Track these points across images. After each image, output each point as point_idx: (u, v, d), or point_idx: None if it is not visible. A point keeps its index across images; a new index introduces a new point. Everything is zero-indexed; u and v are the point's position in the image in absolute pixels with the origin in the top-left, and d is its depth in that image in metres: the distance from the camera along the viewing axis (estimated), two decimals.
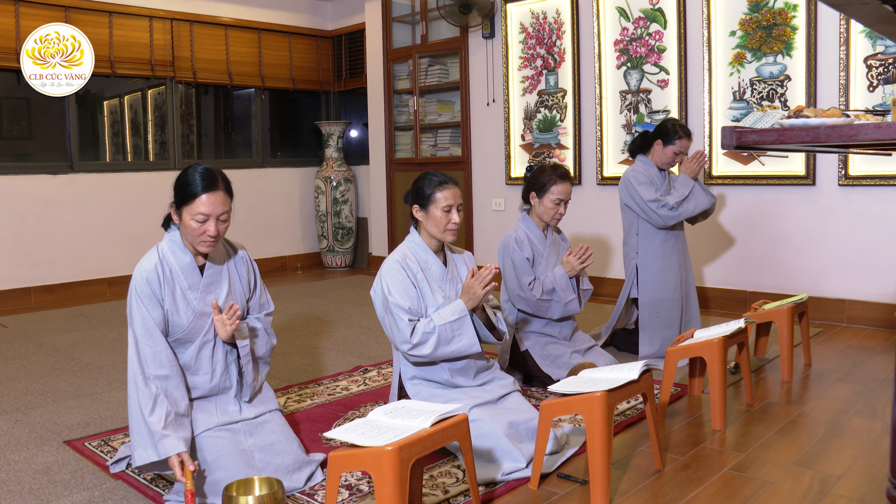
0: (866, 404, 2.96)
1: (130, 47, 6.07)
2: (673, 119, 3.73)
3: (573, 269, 3.22)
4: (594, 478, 2.10)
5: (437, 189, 2.55)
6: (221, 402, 2.36)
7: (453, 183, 2.59)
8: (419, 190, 2.59)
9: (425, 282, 2.55)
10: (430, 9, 6.26)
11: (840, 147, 1.95)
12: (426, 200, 2.56)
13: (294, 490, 2.24)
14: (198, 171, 2.20)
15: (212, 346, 2.33)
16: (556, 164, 3.37)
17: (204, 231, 2.19)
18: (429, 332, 2.43)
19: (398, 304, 2.45)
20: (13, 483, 2.36)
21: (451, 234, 2.57)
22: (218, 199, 2.20)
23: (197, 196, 2.17)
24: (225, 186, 2.24)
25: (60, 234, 5.73)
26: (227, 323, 2.24)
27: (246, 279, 2.45)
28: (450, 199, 2.54)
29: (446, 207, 2.53)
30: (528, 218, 3.36)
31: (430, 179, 2.58)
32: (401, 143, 6.72)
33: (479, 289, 2.45)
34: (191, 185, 2.19)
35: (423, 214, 2.58)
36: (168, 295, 2.24)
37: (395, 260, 2.54)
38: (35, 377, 3.61)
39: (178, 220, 2.24)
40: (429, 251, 2.61)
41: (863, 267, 4.26)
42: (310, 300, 5.55)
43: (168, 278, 2.25)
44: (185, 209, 2.20)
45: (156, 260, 2.25)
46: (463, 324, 2.46)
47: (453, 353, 2.48)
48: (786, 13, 4.42)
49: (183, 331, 2.27)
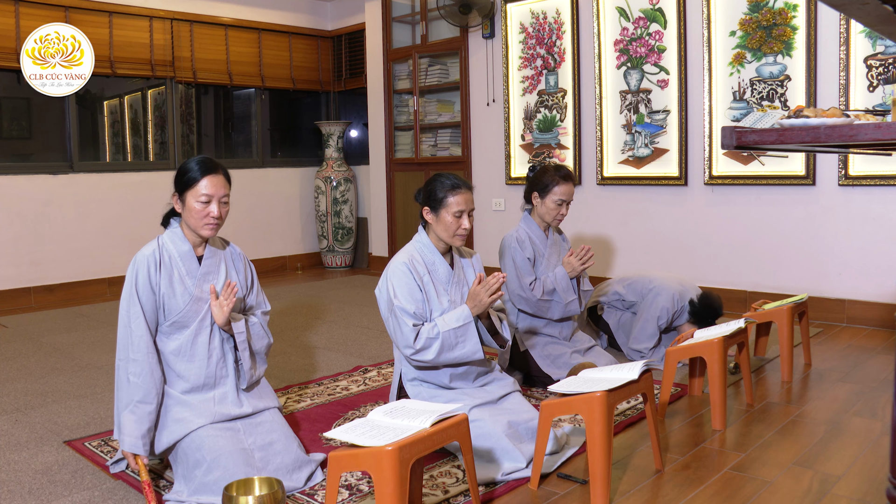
0: (866, 404, 2.96)
1: (130, 47, 6.07)
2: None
3: (574, 269, 3.22)
4: (594, 478, 2.10)
5: (450, 193, 2.50)
6: (220, 394, 2.38)
7: (466, 187, 2.54)
8: (431, 192, 2.55)
9: (431, 284, 2.54)
10: (430, 9, 6.26)
11: (840, 147, 1.95)
12: (438, 204, 2.52)
13: (294, 490, 2.24)
14: (196, 160, 2.35)
15: (208, 332, 2.38)
16: (558, 164, 3.36)
17: (208, 212, 2.31)
18: (432, 338, 2.42)
19: (403, 307, 2.44)
20: (13, 483, 2.36)
21: (461, 239, 2.55)
22: (219, 181, 2.34)
23: (199, 180, 2.31)
24: (223, 171, 2.39)
25: (60, 234, 5.73)
26: (223, 304, 2.32)
27: (244, 274, 2.51)
28: (462, 204, 2.50)
29: (457, 213, 2.50)
30: (530, 218, 3.36)
31: (442, 182, 2.53)
32: (401, 143, 6.72)
33: (485, 297, 2.42)
34: (192, 170, 2.32)
35: (434, 217, 2.55)
36: (165, 279, 2.32)
37: (402, 262, 2.52)
38: (35, 377, 3.61)
39: (181, 207, 2.35)
40: (436, 253, 2.59)
41: (863, 267, 4.26)
42: (310, 300, 5.54)
43: (166, 263, 2.34)
44: (188, 193, 2.32)
45: (154, 246, 2.36)
46: (467, 330, 2.44)
47: (457, 359, 2.47)
48: (786, 13, 4.42)
49: (179, 313, 2.33)
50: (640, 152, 5.09)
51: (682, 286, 3.67)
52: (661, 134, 4.98)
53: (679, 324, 3.67)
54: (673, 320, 3.63)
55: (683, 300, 3.61)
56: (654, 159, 5.02)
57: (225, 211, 2.36)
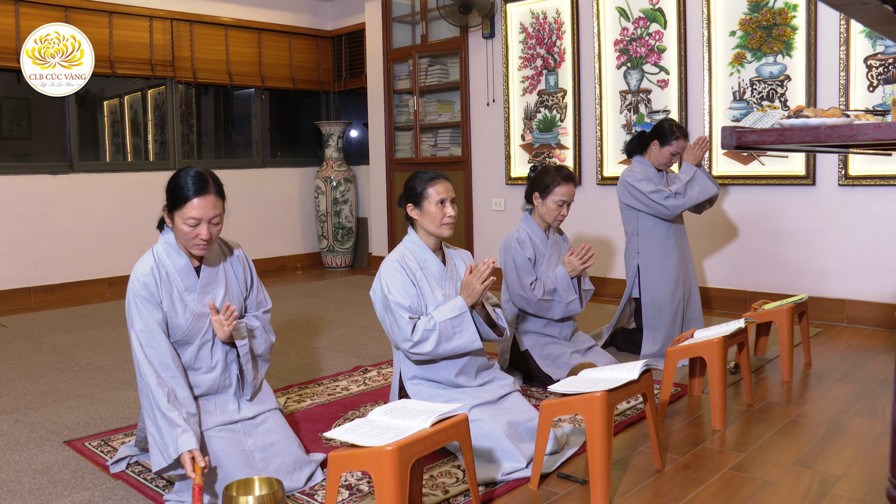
0: (866, 404, 2.96)
1: (130, 47, 6.07)
2: (670, 119, 3.70)
3: (574, 269, 3.22)
4: (594, 478, 2.10)
5: (429, 185, 2.54)
6: (221, 401, 2.36)
7: (443, 177, 2.59)
8: (411, 189, 2.59)
9: (424, 280, 2.55)
10: (430, 9, 6.26)
11: (840, 147, 1.95)
12: (419, 197, 2.55)
13: (294, 490, 2.24)
14: (189, 175, 2.19)
15: (210, 345, 2.34)
16: (560, 165, 3.37)
17: (196, 235, 2.19)
18: (430, 330, 2.42)
19: (398, 302, 2.45)
20: (13, 483, 2.36)
21: (448, 227, 2.56)
22: (209, 202, 2.18)
23: (188, 200, 2.16)
24: (216, 189, 2.22)
25: (60, 234, 5.73)
26: (224, 324, 2.25)
27: (242, 278, 2.45)
28: (442, 192, 2.54)
29: (440, 201, 2.53)
30: (531, 218, 3.36)
31: (420, 177, 2.58)
32: (401, 143, 6.72)
33: (477, 284, 2.44)
34: (182, 189, 2.18)
35: (418, 212, 2.57)
36: (166, 297, 2.24)
37: (394, 259, 2.54)
38: (35, 377, 3.61)
39: (170, 223, 2.25)
40: (427, 250, 2.61)
41: (863, 267, 4.26)
42: (310, 300, 5.55)
43: (165, 281, 2.25)
44: (176, 213, 2.19)
45: (151, 263, 2.25)
46: (463, 320, 2.45)
47: (455, 350, 2.47)
48: (786, 13, 4.42)
49: (182, 332, 2.27)
50: None
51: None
52: None
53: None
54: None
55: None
56: None
57: (216, 231, 2.23)
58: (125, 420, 2.95)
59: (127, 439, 2.69)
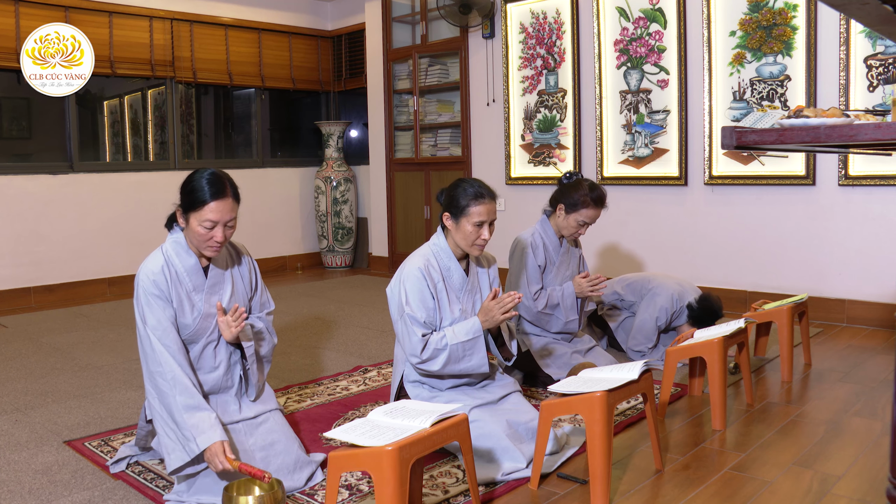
0: (866, 404, 2.96)
1: (130, 47, 6.07)
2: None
3: (582, 291, 3.19)
4: (594, 478, 2.10)
5: (473, 203, 2.45)
6: (222, 400, 2.36)
7: (490, 197, 2.48)
8: (453, 198, 2.49)
9: (444, 293, 2.51)
10: (430, 9, 6.26)
11: (840, 147, 1.95)
12: (459, 211, 2.46)
13: (294, 490, 2.24)
14: (206, 178, 2.19)
15: (215, 345, 2.35)
16: (594, 184, 3.25)
17: (211, 237, 2.20)
18: (440, 349, 2.40)
19: (413, 316, 2.42)
20: (13, 483, 2.36)
21: (479, 249, 2.50)
22: (226, 206, 2.20)
23: (206, 203, 2.17)
24: (233, 193, 2.24)
25: (60, 234, 5.73)
26: (232, 325, 2.24)
27: (248, 279, 2.46)
28: (483, 214, 2.45)
29: (478, 223, 2.45)
30: (548, 222, 3.30)
31: (466, 190, 2.47)
32: (401, 143, 6.72)
33: (498, 314, 2.39)
34: (199, 191, 2.18)
35: (454, 224, 2.50)
36: (175, 297, 2.25)
37: (418, 267, 2.47)
38: (35, 377, 3.61)
39: (184, 224, 2.24)
40: (453, 258, 2.55)
41: (863, 267, 4.26)
42: (310, 300, 5.54)
43: (174, 280, 2.26)
44: (192, 215, 2.19)
45: (162, 262, 2.26)
46: (475, 344, 2.43)
47: (461, 371, 2.47)
48: (786, 13, 4.42)
49: (188, 332, 2.28)
50: (640, 152, 5.09)
51: (681, 286, 3.67)
52: (661, 134, 4.98)
53: (678, 324, 3.66)
54: (672, 320, 3.63)
55: (682, 300, 3.60)
56: (654, 159, 5.02)
57: (230, 233, 2.24)
58: (125, 420, 2.95)
59: (127, 439, 2.69)
